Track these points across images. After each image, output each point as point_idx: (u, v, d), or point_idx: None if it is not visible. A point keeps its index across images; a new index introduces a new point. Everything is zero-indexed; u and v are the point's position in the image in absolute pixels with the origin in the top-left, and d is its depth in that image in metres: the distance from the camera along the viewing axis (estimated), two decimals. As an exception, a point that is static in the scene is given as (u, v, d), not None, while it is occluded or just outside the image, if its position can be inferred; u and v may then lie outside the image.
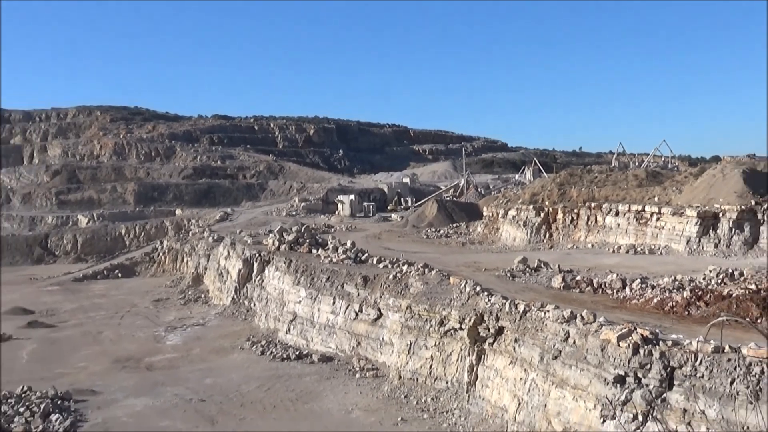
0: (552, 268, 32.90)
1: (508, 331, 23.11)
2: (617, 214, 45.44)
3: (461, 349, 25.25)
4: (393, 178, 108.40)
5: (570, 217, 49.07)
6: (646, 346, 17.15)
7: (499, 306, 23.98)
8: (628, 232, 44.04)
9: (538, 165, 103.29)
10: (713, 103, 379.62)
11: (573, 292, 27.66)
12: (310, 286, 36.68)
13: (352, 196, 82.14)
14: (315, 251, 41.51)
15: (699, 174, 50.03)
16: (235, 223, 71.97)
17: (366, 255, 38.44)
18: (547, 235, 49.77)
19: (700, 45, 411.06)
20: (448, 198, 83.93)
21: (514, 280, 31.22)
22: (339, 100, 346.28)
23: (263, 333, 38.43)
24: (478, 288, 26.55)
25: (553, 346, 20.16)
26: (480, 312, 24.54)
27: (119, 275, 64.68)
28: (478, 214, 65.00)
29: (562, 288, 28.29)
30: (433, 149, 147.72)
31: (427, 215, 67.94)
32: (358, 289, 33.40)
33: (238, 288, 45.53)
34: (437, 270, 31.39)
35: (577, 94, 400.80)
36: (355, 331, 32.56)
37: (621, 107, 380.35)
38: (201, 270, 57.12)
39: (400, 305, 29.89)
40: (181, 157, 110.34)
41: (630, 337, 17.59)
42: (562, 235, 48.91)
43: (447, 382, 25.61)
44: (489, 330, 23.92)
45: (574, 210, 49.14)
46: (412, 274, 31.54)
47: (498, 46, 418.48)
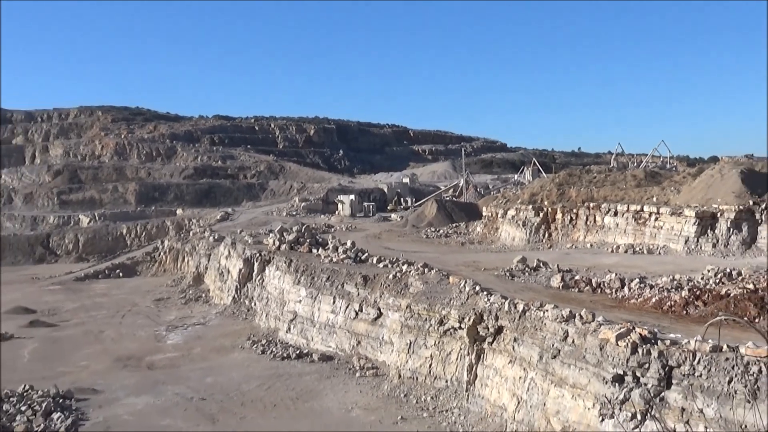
0: (551, 268, 32.89)
1: (507, 330, 23.14)
2: (616, 214, 45.41)
3: (461, 348, 25.29)
4: (393, 178, 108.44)
5: (569, 217, 49.02)
6: (644, 346, 17.17)
7: (499, 305, 24.00)
8: (626, 232, 44.00)
9: (537, 165, 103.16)
10: (711, 104, 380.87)
11: (572, 291, 27.69)
12: (310, 286, 36.72)
13: (352, 196, 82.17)
14: (315, 251, 41.57)
15: (697, 174, 50.00)
16: (235, 222, 71.97)
17: (366, 255, 38.51)
18: (546, 235, 49.72)
19: (699, 46, 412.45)
20: (448, 198, 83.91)
21: (514, 279, 31.24)
22: (339, 101, 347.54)
23: (264, 332, 38.47)
24: (478, 287, 26.56)
25: (552, 346, 20.19)
26: (479, 311, 24.57)
27: (120, 275, 64.73)
28: (478, 214, 64.96)
29: (561, 287, 28.29)
30: (432, 149, 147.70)
31: (427, 215, 67.92)
32: (358, 288, 33.45)
33: (239, 287, 45.56)
34: (437, 270, 31.41)
35: (576, 94, 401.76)
36: (355, 330, 32.61)
37: (620, 108, 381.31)
38: (202, 269, 57.11)
39: (400, 305, 29.94)
40: (182, 157, 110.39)
41: (628, 337, 17.62)
42: (561, 234, 48.88)
43: (446, 381, 25.66)
44: (488, 329, 23.96)
45: (573, 210, 49.10)
46: (412, 274, 31.57)
47: (497, 47, 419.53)
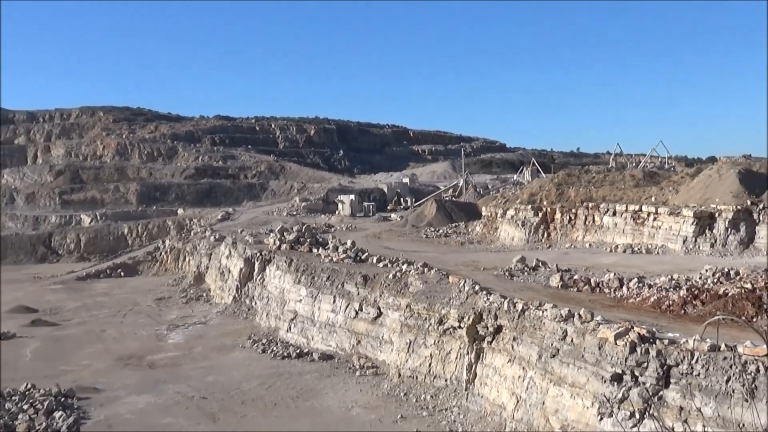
0: (550, 268, 32.92)
1: (506, 329, 23.19)
2: (614, 214, 45.41)
3: (460, 348, 25.36)
4: (393, 178, 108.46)
5: (568, 217, 49.02)
6: (643, 345, 17.22)
7: (498, 305, 24.04)
8: (625, 231, 44.00)
9: (537, 165, 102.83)
10: (709, 105, 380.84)
11: (571, 291, 27.77)
12: (310, 285, 36.77)
13: (353, 196, 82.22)
14: (315, 250, 41.62)
15: (695, 174, 50.04)
16: (236, 222, 71.95)
17: (366, 254, 38.57)
18: (545, 235, 49.72)
19: (697, 47, 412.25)
20: (447, 198, 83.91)
21: (513, 279, 31.31)
22: (339, 101, 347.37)
23: (264, 331, 38.55)
24: (477, 287, 26.60)
25: (551, 345, 20.23)
26: (479, 311, 24.62)
27: (122, 274, 64.84)
28: (477, 213, 64.95)
29: (560, 287, 28.39)
30: (432, 150, 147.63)
31: (427, 215, 67.95)
32: (358, 288, 33.49)
33: (240, 287, 45.63)
34: (436, 269, 31.44)
35: (575, 95, 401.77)
36: (355, 329, 32.66)
37: (618, 108, 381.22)
38: (203, 269, 57.13)
39: (400, 304, 29.98)
40: (183, 158, 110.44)
41: (627, 336, 17.67)
42: (560, 234, 48.88)
43: (446, 380, 25.73)
44: (488, 328, 24.02)
45: (572, 210, 49.10)
46: (412, 273, 31.59)
47: (497, 48, 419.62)
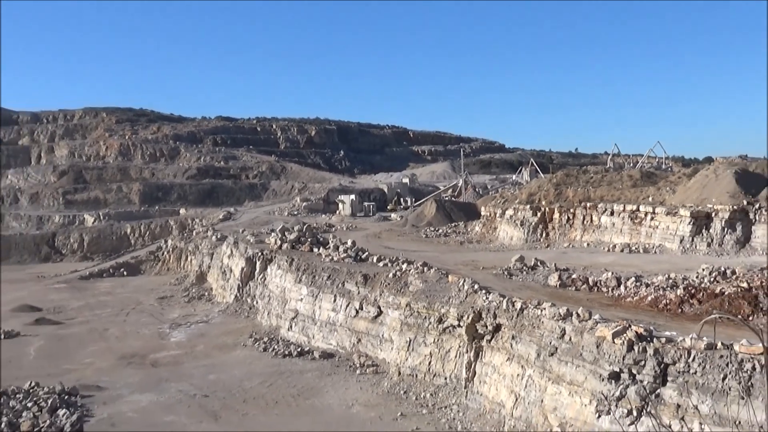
0: (548, 267, 32.99)
1: (505, 328, 23.29)
2: (612, 213, 45.40)
3: (459, 346, 25.46)
4: (393, 178, 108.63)
5: (566, 217, 49.01)
6: (640, 343, 17.35)
7: (497, 304, 24.12)
8: (622, 231, 43.99)
9: (535, 166, 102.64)
10: (707, 106, 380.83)
11: (569, 290, 27.89)
12: (311, 284, 36.88)
13: (353, 196, 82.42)
14: (316, 250, 41.76)
15: (692, 174, 50.11)
16: (238, 222, 72.02)
17: (366, 254, 38.68)
18: (544, 235, 49.74)
19: (695, 48, 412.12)
20: (447, 198, 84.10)
21: (512, 278, 31.40)
22: (340, 102, 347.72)
23: (265, 330, 38.65)
24: (476, 286, 26.70)
25: (550, 343, 20.36)
26: (478, 309, 24.72)
27: (124, 273, 64.98)
28: (476, 213, 65.06)
29: (558, 286, 28.51)
30: (432, 150, 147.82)
31: (426, 215, 68.08)
32: (358, 287, 33.60)
33: (241, 286, 45.71)
34: (436, 268, 31.51)
35: (574, 96, 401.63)
36: (355, 328, 32.77)
37: (616, 109, 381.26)
38: (205, 268, 57.23)
39: (400, 303, 30.09)
40: (185, 158, 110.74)
41: (625, 334, 17.79)
42: (558, 234, 48.87)
43: (445, 378, 25.83)
44: (487, 327, 24.11)
45: (570, 210, 49.11)
46: (412, 273, 31.67)
47: (496, 49, 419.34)
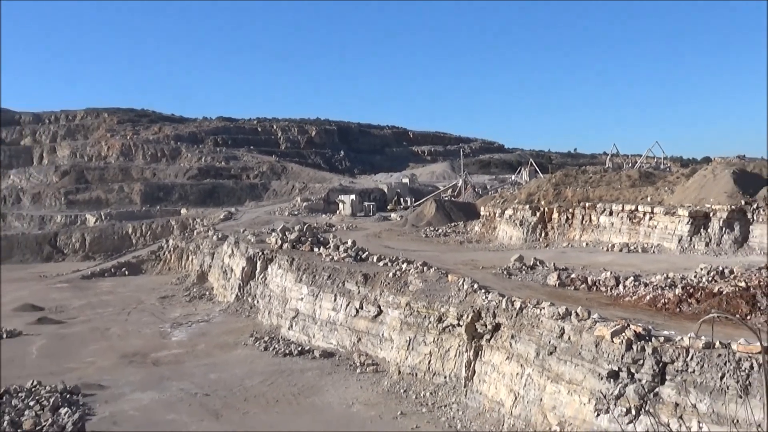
0: (547, 266, 33.06)
1: (504, 327, 23.39)
2: (611, 213, 45.52)
3: (459, 345, 25.55)
4: (393, 178, 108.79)
5: (565, 217, 49.13)
6: (639, 342, 17.46)
7: (496, 303, 24.21)
8: (621, 231, 44.10)
9: (534, 166, 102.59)
10: (705, 106, 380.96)
11: (568, 289, 27.98)
12: (311, 284, 37.00)
13: (353, 196, 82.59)
14: (317, 250, 41.86)
15: (690, 175, 50.15)
16: (238, 222, 72.18)
17: (366, 253, 38.80)
18: (543, 234, 49.84)
19: (694, 48, 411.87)
20: (447, 198, 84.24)
21: (511, 277, 31.50)
22: (340, 102, 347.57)
23: (266, 329, 38.78)
24: (476, 285, 26.79)
25: (549, 342, 20.45)
26: (477, 309, 24.81)
27: (126, 273, 65.13)
28: (476, 213, 65.22)
29: (557, 285, 28.58)
30: (431, 150, 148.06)
31: (426, 215, 68.19)
32: (358, 286, 33.72)
33: (242, 285, 45.84)
34: (436, 268, 31.61)
35: (573, 96, 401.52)
36: (355, 327, 32.88)
37: (615, 109, 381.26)
38: (206, 268, 57.34)
39: (400, 302, 30.18)
40: (187, 158, 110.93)
41: (623, 334, 17.90)
42: (557, 234, 48.99)
43: (445, 377, 25.92)
44: (486, 326, 24.21)
45: (569, 210, 49.21)
46: (412, 272, 31.77)
47: (495, 50, 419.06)
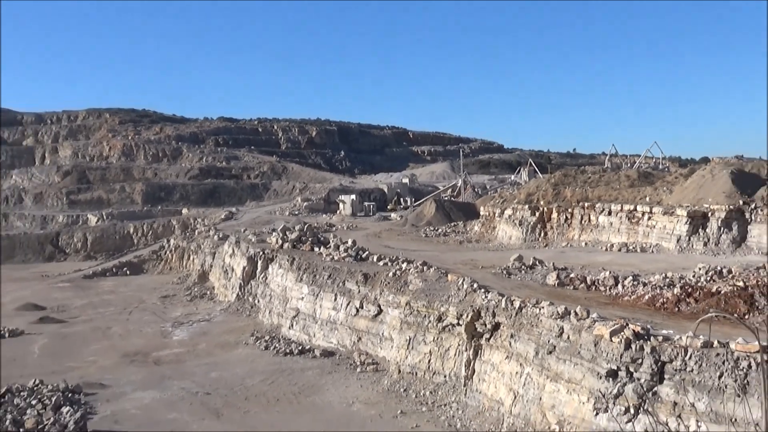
0: (547, 266, 33.15)
1: (504, 326, 23.46)
2: (610, 213, 45.68)
3: (459, 344, 25.61)
4: (393, 178, 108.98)
5: (564, 217, 49.29)
6: (637, 342, 17.52)
7: (496, 302, 24.28)
8: (620, 230, 44.24)
9: (534, 166, 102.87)
10: (703, 107, 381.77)
11: (567, 289, 28.07)
12: (312, 283, 37.11)
13: (353, 196, 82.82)
14: (317, 249, 41.98)
15: (689, 175, 50.40)
16: (239, 222, 72.39)
17: (366, 253, 38.91)
18: (542, 234, 50.01)
19: (692, 49, 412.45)
20: (446, 198, 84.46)
21: (510, 277, 31.62)
22: (340, 103, 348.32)
23: (267, 328, 38.90)
24: (475, 285, 26.86)
25: (548, 342, 20.54)
26: (477, 308, 24.88)
27: (127, 272, 65.31)
28: (475, 213, 65.51)
29: (556, 285, 28.66)
30: (431, 150, 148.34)
31: (426, 214, 68.38)
32: (358, 286, 33.82)
33: (243, 285, 45.94)
34: (435, 268, 31.68)
35: (572, 97, 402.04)
36: (355, 326, 32.98)
37: (614, 110, 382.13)
38: (207, 267, 57.49)
39: (400, 302, 30.27)
40: (188, 158, 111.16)
41: (622, 333, 17.97)
42: (556, 233, 49.15)
43: (445, 376, 25.98)
44: (486, 326, 24.28)
45: (568, 209, 49.39)
46: (411, 272, 31.85)
47: (495, 50, 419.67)
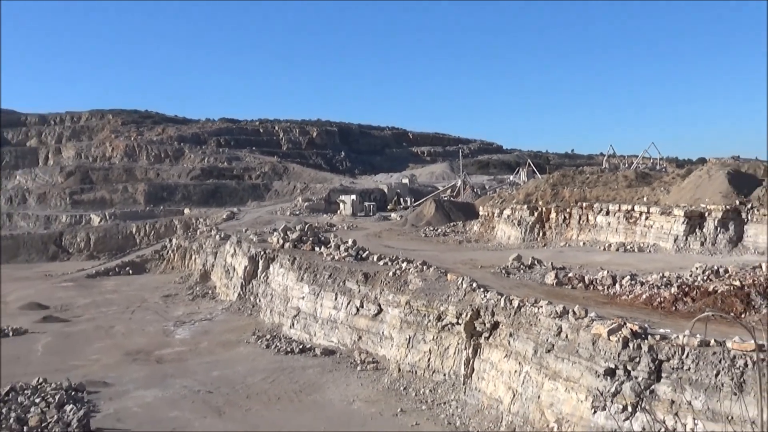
0: (545, 266, 33.25)
1: (503, 325, 23.62)
2: (608, 213, 45.78)
3: (458, 343, 25.77)
4: (393, 178, 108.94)
5: (562, 217, 49.41)
6: (635, 340, 17.69)
7: (495, 302, 24.41)
8: (618, 230, 44.36)
9: (532, 166, 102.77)
10: (701, 108, 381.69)
11: (565, 288, 28.23)
12: (313, 283, 37.24)
13: (354, 196, 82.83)
14: (318, 249, 42.09)
15: (686, 175, 50.54)
16: (241, 222, 72.43)
17: (367, 253, 39.03)
18: (541, 234, 50.13)
19: (691, 50, 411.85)
20: (446, 198, 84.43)
21: (509, 276, 31.77)
22: (341, 104, 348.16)
23: (268, 327, 39.04)
24: (475, 284, 26.99)
25: (547, 340, 20.71)
26: (476, 307, 25.04)
27: (130, 272, 65.39)
28: (475, 213, 65.58)
29: (554, 284, 28.81)
30: (431, 151, 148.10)
31: (426, 214, 68.46)
32: (359, 285, 33.97)
33: (244, 284, 46.09)
34: (435, 267, 31.79)
35: (570, 98, 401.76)
36: (356, 325, 33.14)
37: (612, 111, 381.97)
38: (208, 267, 57.56)
39: (400, 301, 30.43)
40: (190, 159, 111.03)
41: (620, 332, 18.16)
42: (555, 233, 49.25)
43: (444, 375, 26.14)
44: (485, 325, 24.45)
45: (567, 209, 49.51)
46: (411, 271, 31.97)
47: (494, 51, 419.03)
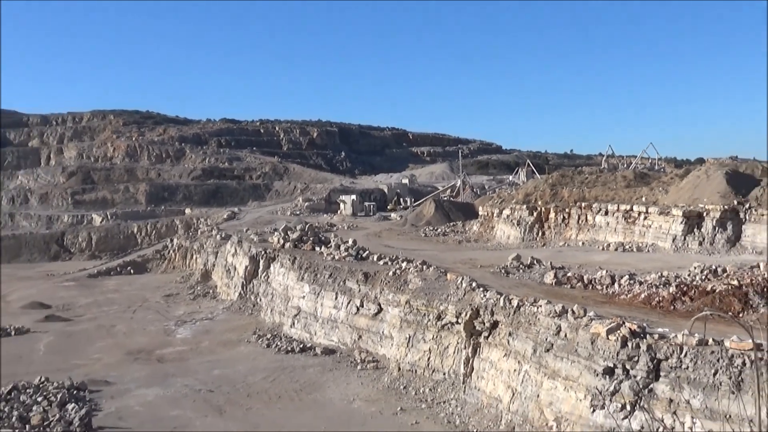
0: (544, 265, 33.28)
1: (502, 325, 23.71)
2: (606, 213, 45.85)
3: (458, 342, 25.86)
4: (393, 179, 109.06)
5: (561, 216, 49.49)
6: (633, 340, 17.77)
7: (494, 301, 24.51)
8: (616, 230, 44.43)
9: (531, 166, 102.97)
10: (700, 108, 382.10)
11: (564, 287, 28.28)
12: (313, 282, 37.34)
13: (354, 196, 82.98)
14: (318, 249, 42.22)
15: (684, 175, 50.76)
16: (241, 221, 72.54)
17: (367, 252, 39.13)
18: (540, 234, 50.22)
19: (690, 50, 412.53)
20: (446, 198, 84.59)
21: (508, 276, 31.84)
22: (341, 104, 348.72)
23: (269, 327, 39.10)
24: (474, 284, 27.08)
25: (546, 339, 20.80)
26: (476, 307, 25.13)
27: (131, 272, 65.56)
28: (474, 213, 65.78)
29: (554, 284, 28.87)
30: (430, 151, 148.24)
31: (426, 214, 68.59)
32: (359, 284, 34.06)
33: (245, 284, 46.22)
34: (435, 267, 31.86)
35: (569, 98, 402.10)
36: (356, 325, 33.24)
37: (611, 111, 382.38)
38: (209, 266, 57.67)
39: (400, 300, 30.52)
40: (191, 159, 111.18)
41: (618, 331, 18.24)
42: (554, 233, 49.34)
43: (444, 374, 26.22)
44: (484, 324, 24.54)
45: (566, 209, 49.62)
46: (411, 271, 32.05)
47: (494, 52, 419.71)
